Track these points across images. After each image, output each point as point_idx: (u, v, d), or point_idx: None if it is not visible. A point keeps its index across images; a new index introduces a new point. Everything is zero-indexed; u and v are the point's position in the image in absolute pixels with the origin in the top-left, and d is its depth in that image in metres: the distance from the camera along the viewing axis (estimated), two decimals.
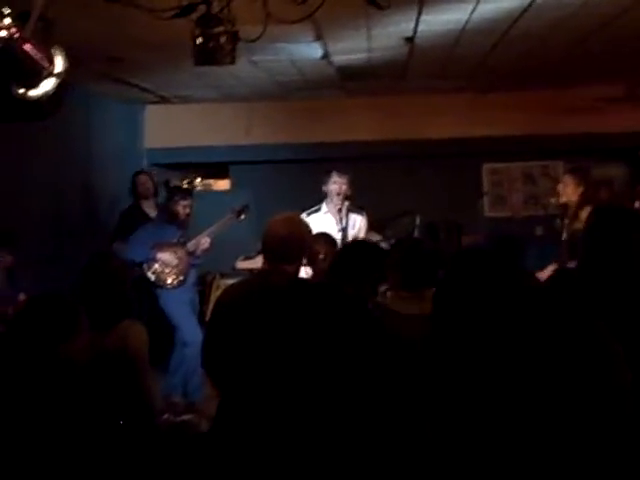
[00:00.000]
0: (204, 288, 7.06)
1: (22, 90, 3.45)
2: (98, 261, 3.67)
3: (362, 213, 5.66)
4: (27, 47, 3.26)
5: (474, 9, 4.68)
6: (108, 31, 4.85)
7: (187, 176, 9.19)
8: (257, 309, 2.91)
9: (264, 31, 3.85)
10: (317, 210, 5.56)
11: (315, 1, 3.76)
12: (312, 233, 3.36)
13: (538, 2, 4.56)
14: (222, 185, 9.78)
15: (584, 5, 4.66)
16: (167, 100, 8.14)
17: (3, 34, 3.07)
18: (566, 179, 5.67)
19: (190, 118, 8.43)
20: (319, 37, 5.32)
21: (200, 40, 3.81)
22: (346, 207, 5.45)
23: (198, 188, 9.28)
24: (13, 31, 3.11)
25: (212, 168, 9.55)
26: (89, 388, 2.75)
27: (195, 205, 6.07)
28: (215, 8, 3.73)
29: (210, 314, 3.42)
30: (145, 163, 8.53)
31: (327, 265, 3.79)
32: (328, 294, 2.78)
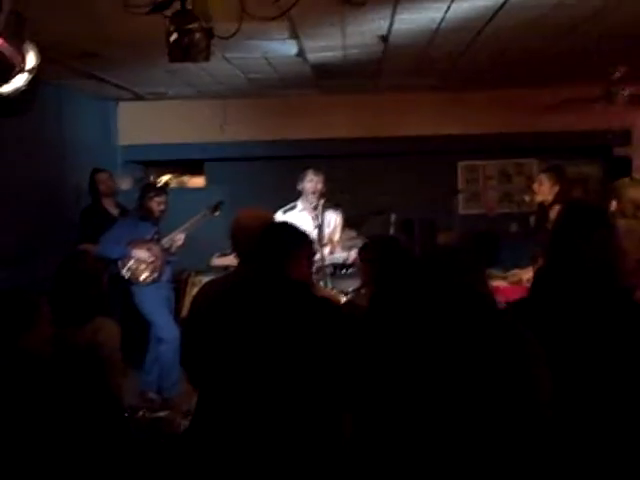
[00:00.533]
0: (179, 285, 7.02)
1: None
2: (72, 259, 3.67)
3: (337, 210, 5.67)
4: None
5: (449, 8, 4.70)
6: (81, 27, 4.79)
7: (159, 173, 9.17)
8: (235, 307, 2.90)
9: (239, 28, 3.83)
10: (292, 208, 5.56)
11: None
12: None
13: (512, 1, 4.59)
14: (197, 182, 9.73)
15: (557, 5, 4.69)
16: (141, 97, 8.08)
17: None
18: (542, 178, 5.71)
19: (164, 115, 8.38)
20: (294, 34, 5.30)
21: (174, 36, 3.78)
22: (322, 205, 5.45)
23: (172, 185, 9.25)
24: None
25: (187, 165, 9.51)
26: (54, 381, 2.77)
27: (170, 202, 6.04)
28: (189, 4, 3.71)
29: (187, 312, 3.41)
30: (119, 160, 8.46)
31: None
32: (305, 291, 2.78)
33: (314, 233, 5.11)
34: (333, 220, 5.61)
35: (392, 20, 5.01)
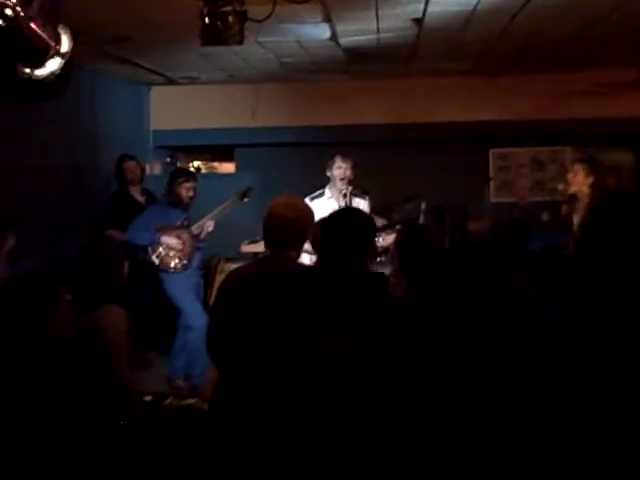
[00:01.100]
0: (208, 272, 7.04)
1: (28, 70, 3.41)
2: (91, 245, 3.66)
3: (365, 197, 5.63)
4: (33, 26, 3.22)
5: None
6: (115, 10, 4.79)
7: (190, 159, 9.19)
8: (260, 295, 2.89)
9: (272, 11, 3.81)
10: (320, 195, 5.53)
11: None
12: (314, 218, 3.30)
13: None
14: (227, 168, 9.74)
15: None
16: (173, 81, 8.09)
17: (9, 12, 3.02)
18: (576, 168, 5.64)
19: (196, 100, 8.38)
20: (327, 18, 5.26)
21: (208, 19, 3.76)
22: (350, 192, 5.41)
23: (202, 171, 9.28)
24: (19, 10, 3.06)
25: (217, 151, 9.52)
26: (67, 366, 2.80)
27: (199, 188, 6.03)
28: None
29: (214, 299, 3.38)
30: (150, 145, 8.49)
31: None
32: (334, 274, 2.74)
33: None
34: (361, 207, 5.56)
35: (426, 3, 4.94)
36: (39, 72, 3.46)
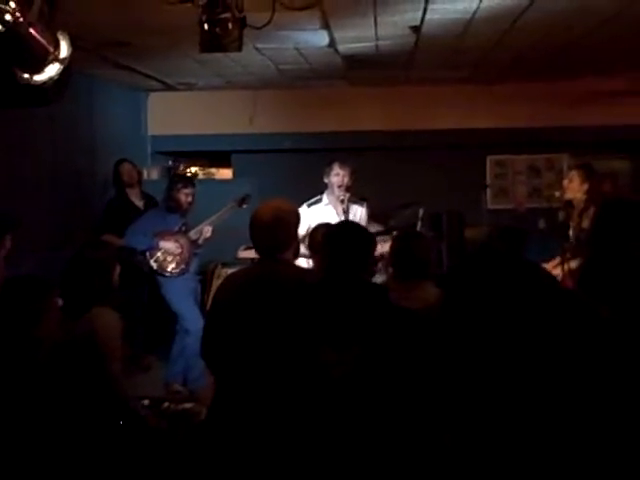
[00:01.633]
0: (206, 277, 7.05)
1: (26, 75, 3.41)
2: (81, 250, 3.67)
3: (363, 204, 5.63)
4: (32, 31, 3.22)
5: None
6: (113, 15, 4.80)
7: (188, 164, 9.19)
8: (255, 301, 2.89)
9: (271, 18, 3.82)
10: (318, 201, 5.53)
11: None
12: (298, 218, 3.26)
13: None
14: (225, 174, 9.74)
15: None
16: (171, 87, 8.10)
17: (8, 18, 3.02)
18: (572, 175, 5.64)
19: (194, 106, 8.39)
20: (326, 25, 5.27)
21: (207, 26, 3.77)
22: (347, 198, 5.41)
23: (200, 176, 9.27)
24: (18, 15, 3.07)
25: (215, 157, 9.52)
26: (55, 369, 2.84)
27: (198, 194, 6.05)
28: None
29: (210, 304, 3.39)
30: (148, 150, 8.50)
31: None
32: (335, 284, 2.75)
33: None
34: (359, 214, 5.56)
35: (425, 11, 4.96)
36: (38, 77, 3.47)
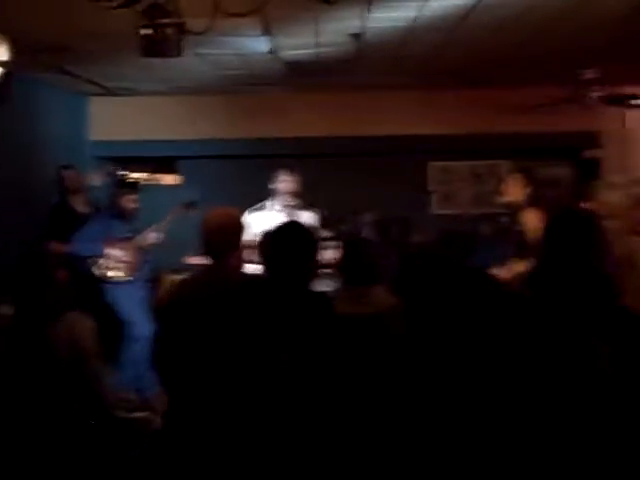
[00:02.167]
0: (153, 284, 6.98)
1: None
2: (24, 260, 3.64)
3: (310, 211, 5.66)
4: None
5: (423, 6, 4.71)
6: (52, 19, 4.74)
7: (132, 170, 9.07)
8: (205, 305, 2.90)
9: (212, 24, 3.81)
10: (260, 208, 5.54)
11: None
12: (241, 224, 3.34)
13: (485, 1, 4.62)
14: (171, 179, 9.65)
15: (530, 6, 4.73)
16: (112, 92, 8.00)
17: None
18: (511, 179, 5.74)
19: (136, 111, 8.30)
20: (267, 31, 5.29)
21: (146, 31, 3.75)
22: (296, 205, 5.44)
23: (144, 182, 9.16)
24: None
25: (160, 162, 9.42)
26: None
27: (144, 199, 6.00)
28: None
29: (159, 311, 3.39)
30: (90, 156, 8.36)
31: None
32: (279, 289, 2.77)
33: None
34: (309, 221, 5.59)
35: (365, 19, 5.01)
36: None
